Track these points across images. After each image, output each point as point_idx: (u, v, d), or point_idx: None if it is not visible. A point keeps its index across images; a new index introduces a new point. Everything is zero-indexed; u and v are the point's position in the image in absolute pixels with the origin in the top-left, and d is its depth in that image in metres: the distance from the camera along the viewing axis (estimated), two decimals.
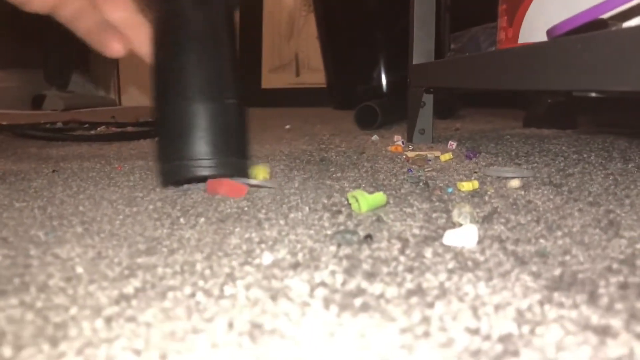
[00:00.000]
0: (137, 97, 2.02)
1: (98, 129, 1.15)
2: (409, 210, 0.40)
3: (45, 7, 0.46)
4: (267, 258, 0.30)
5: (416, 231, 0.35)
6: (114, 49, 0.47)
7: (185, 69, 0.45)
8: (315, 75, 1.82)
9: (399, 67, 1.59)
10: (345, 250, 0.31)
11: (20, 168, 0.63)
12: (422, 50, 0.79)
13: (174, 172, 0.45)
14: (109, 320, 0.23)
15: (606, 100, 0.98)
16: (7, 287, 0.27)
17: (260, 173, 0.51)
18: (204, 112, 0.44)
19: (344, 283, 0.27)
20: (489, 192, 0.46)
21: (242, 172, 0.46)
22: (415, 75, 0.80)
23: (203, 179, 0.45)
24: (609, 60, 0.32)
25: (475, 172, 0.55)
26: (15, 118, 1.58)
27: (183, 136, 0.44)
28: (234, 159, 0.46)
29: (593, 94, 0.36)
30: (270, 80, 1.89)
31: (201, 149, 0.44)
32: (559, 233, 0.34)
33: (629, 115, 1.05)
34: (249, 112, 0.50)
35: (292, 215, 0.39)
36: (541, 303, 0.24)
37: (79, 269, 0.29)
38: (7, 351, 0.21)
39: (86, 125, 1.22)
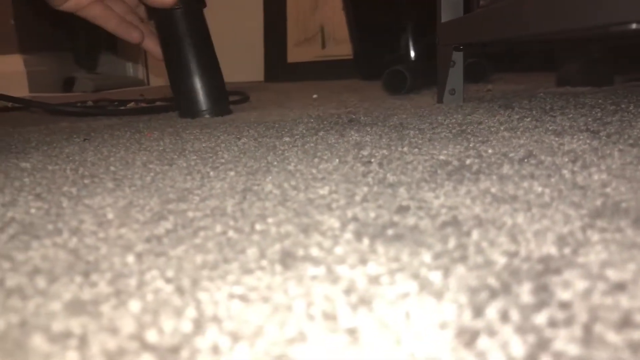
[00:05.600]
0: (165, 77, 2.03)
1: (127, 105, 1.16)
2: (443, 151, 0.39)
3: (69, 8, 0.67)
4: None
5: (451, 167, 0.34)
6: (135, 37, 0.77)
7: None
8: (341, 47, 1.80)
9: (426, 33, 1.56)
10: (380, 190, 0.31)
11: (53, 139, 0.64)
12: (450, 7, 0.77)
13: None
14: (139, 255, 0.23)
15: None
16: (41, 232, 0.27)
17: None
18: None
19: (376, 217, 0.26)
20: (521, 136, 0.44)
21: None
22: (444, 34, 0.78)
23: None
24: None
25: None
26: (47, 101, 1.61)
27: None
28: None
29: (634, 26, 0.34)
30: (296, 54, 1.87)
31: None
32: (598, 169, 0.33)
33: None
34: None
35: (322, 166, 0.39)
36: (583, 229, 0.23)
37: (110, 215, 0.29)
38: (41, 282, 0.21)
39: (115, 103, 1.23)
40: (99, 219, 0.29)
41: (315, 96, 1.12)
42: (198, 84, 0.79)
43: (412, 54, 1.59)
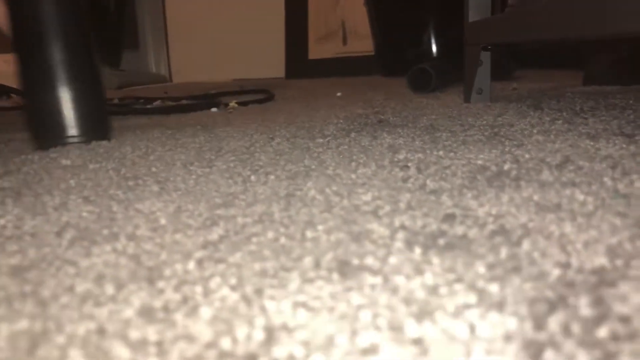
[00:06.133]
0: (187, 74, 2.05)
1: (154, 103, 1.18)
2: (479, 155, 0.40)
3: None
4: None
5: (490, 173, 0.35)
6: None
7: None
8: (362, 43, 1.80)
9: (449, 29, 1.56)
10: (423, 197, 0.31)
11: None
12: (478, 7, 0.77)
13: None
14: (199, 261, 0.24)
15: None
16: (98, 238, 0.28)
17: None
18: None
19: (423, 226, 0.27)
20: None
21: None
22: (471, 33, 0.78)
23: None
24: None
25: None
26: None
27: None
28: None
29: None
30: (317, 50, 1.88)
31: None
32: (639, 176, 0.33)
33: None
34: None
35: (360, 170, 0.39)
36: (632, 239, 0.23)
37: (163, 221, 0.30)
38: (110, 289, 0.22)
39: (142, 101, 1.25)
40: (152, 225, 0.30)
41: (339, 94, 1.13)
42: (66, 97, 0.56)
43: (434, 50, 1.59)
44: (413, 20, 1.56)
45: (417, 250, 0.23)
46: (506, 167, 0.38)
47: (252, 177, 0.39)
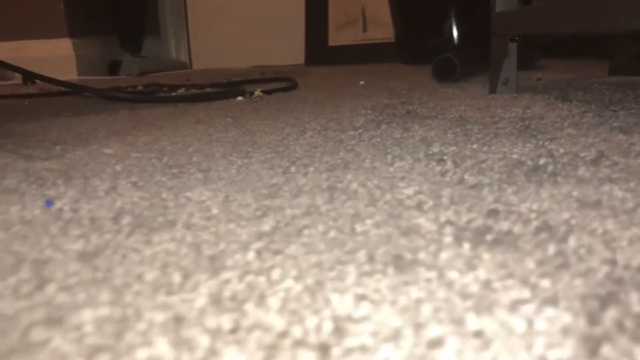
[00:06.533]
0: (207, 60, 2.06)
1: (178, 91, 1.19)
2: (513, 149, 0.41)
3: None
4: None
5: (526, 167, 0.35)
6: None
7: None
8: (382, 30, 1.80)
9: (470, 18, 1.55)
10: (464, 191, 0.32)
11: (120, 127, 0.67)
12: None
13: None
14: (258, 252, 0.25)
15: None
16: (154, 225, 0.30)
17: None
18: None
19: (469, 221, 0.28)
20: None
21: None
22: (498, 24, 0.78)
23: None
24: None
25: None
26: (95, 84, 1.65)
27: None
28: None
29: None
30: (337, 37, 1.88)
31: None
32: None
33: None
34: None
35: (397, 164, 0.40)
36: None
37: (215, 210, 0.32)
38: (177, 278, 0.23)
39: (165, 88, 1.26)
40: (205, 214, 0.31)
41: (362, 83, 1.13)
42: None
43: (455, 38, 1.58)
44: (434, 9, 1.56)
45: (466, 246, 0.25)
46: (542, 161, 0.38)
47: (292, 169, 0.41)
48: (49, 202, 0.34)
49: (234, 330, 0.19)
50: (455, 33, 1.58)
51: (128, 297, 0.22)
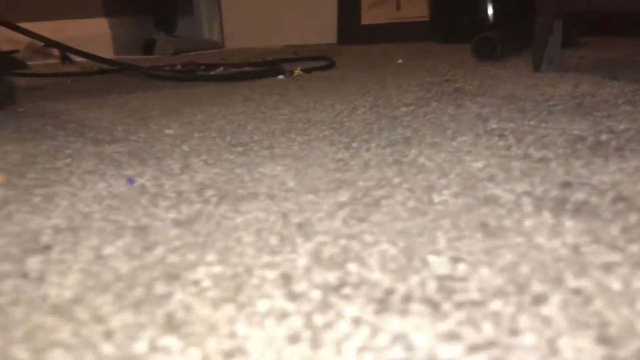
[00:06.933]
0: (239, 39, 2.07)
1: (216, 70, 1.21)
2: (572, 125, 0.41)
3: None
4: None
5: (589, 143, 0.36)
6: None
7: None
8: (416, 9, 1.78)
9: None
10: (532, 165, 0.33)
11: (172, 105, 0.69)
12: None
13: None
14: (344, 220, 0.27)
15: None
16: (238, 196, 0.31)
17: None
18: None
19: (544, 192, 0.29)
20: None
21: None
22: (544, 2, 0.77)
23: None
24: None
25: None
26: (133, 63, 1.67)
27: None
28: None
29: None
30: (370, 16, 1.87)
31: None
32: None
33: None
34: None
35: (459, 139, 0.41)
36: None
37: (290, 183, 0.33)
38: (273, 241, 0.25)
39: (203, 67, 1.28)
40: (283, 186, 0.32)
41: (400, 61, 1.14)
42: None
43: (491, 17, 1.56)
44: None
45: (547, 214, 0.26)
46: (603, 137, 0.39)
47: (354, 144, 0.42)
48: (131, 180, 0.36)
49: (341, 286, 0.20)
50: (490, 11, 1.56)
51: (234, 258, 0.23)
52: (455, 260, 0.22)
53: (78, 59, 1.34)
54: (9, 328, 0.19)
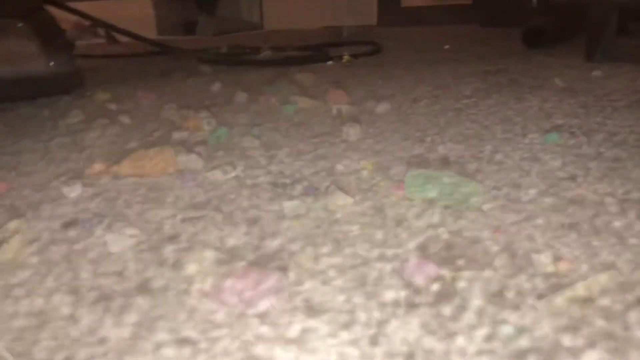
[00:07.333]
0: (277, 20, 2.09)
1: (262, 53, 1.22)
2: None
3: None
4: None
5: None
6: None
7: None
8: None
9: None
10: (608, 164, 0.35)
11: (247, 87, 0.71)
12: None
13: None
14: (441, 213, 0.29)
15: None
16: (331, 189, 0.34)
17: None
18: None
19: (626, 193, 0.30)
20: None
21: None
22: None
23: None
24: None
25: None
26: (175, 44, 1.69)
27: None
28: None
29: None
30: None
31: None
32: None
33: None
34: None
35: (530, 135, 0.43)
36: None
37: (377, 177, 0.35)
38: (379, 235, 0.27)
39: (248, 50, 1.30)
40: (370, 182, 0.35)
41: (447, 47, 1.14)
42: None
43: (535, 1, 1.55)
44: None
45: (632, 215, 0.27)
46: None
47: (428, 139, 0.44)
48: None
49: (454, 279, 0.23)
50: None
51: (347, 250, 0.26)
52: (556, 258, 0.24)
53: (124, 39, 1.37)
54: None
